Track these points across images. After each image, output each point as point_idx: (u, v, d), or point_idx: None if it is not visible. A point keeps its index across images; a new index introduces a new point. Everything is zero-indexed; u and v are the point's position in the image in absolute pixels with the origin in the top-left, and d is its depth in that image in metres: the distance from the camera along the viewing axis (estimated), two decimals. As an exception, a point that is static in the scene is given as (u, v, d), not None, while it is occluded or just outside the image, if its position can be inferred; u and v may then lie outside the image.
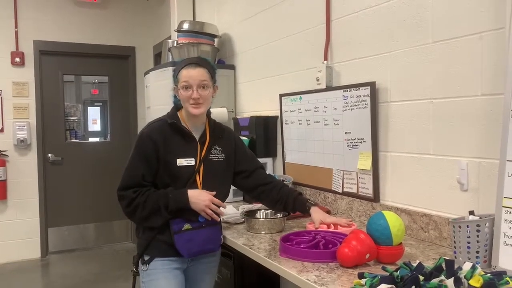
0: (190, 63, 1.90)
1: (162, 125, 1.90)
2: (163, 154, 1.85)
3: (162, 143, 1.85)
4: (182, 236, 1.83)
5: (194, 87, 1.84)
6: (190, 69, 1.87)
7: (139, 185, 1.83)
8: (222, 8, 3.72)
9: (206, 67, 1.90)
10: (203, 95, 1.86)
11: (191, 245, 1.84)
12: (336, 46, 2.42)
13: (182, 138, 1.90)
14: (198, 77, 1.85)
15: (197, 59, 1.98)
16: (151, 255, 1.88)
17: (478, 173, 1.68)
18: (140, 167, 1.84)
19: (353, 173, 2.28)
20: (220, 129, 2.03)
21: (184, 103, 1.88)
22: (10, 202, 4.87)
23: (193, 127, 1.94)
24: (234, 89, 3.55)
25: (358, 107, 2.21)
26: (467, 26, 1.70)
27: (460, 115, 1.74)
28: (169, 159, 1.85)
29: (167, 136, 1.87)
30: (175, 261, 1.88)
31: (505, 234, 1.40)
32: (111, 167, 5.20)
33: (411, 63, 1.95)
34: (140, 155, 1.85)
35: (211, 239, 1.91)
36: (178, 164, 1.85)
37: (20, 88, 4.89)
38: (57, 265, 4.83)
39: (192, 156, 1.88)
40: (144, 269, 1.89)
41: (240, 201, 2.84)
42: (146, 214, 1.82)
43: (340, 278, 1.42)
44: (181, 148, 1.88)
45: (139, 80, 5.44)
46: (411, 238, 1.92)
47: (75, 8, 5.16)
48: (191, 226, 1.84)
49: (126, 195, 1.82)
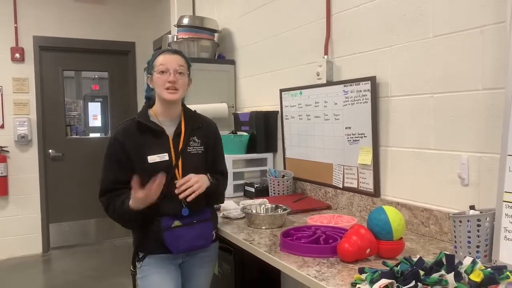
0: (168, 50, 1.92)
1: (129, 125, 1.89)
2: (134, 154, 1.83)
3: (130, 143, 1.84)
4: (172, 233, 1.82)
5: (171, 70, 1.84)
6: (168, 55, 1.88)
7: (110, 190, 1.85)
8: (222, 3, 3.71)
9: (183, 56, 1.92)
10: (180, 81, 1.86)
11: (180, 242, 1.83)
12: (336, 40, 2.41)
13: (151, 135, 1.87)
14: (176, 62, 1.86)
15: (174, 49, 2.01)
16: (144, 252, 1.89)
17: (479, 167, 1.68)
18: (111, 172, 1.85)
19: (354, 168, 2.28)
20: (198, 120, 1.99)
21: (159, 88, 1.86)
22: (11, 198, 4.88)
23: (167, 120, 1.91)
24: (234, 84, 3.54)
25: (358, 102, 2.21)
26: (468, 20, 1.69)
27: (461, 109, 1.74)
28: (140, 157, 1.83)
29: (135, 135, 1.85)
30: (168, 257, 1.88)
31: (506, 229, 1.40)
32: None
33: (411, 58, 1.94)
34: (110, 159, 1.86)
35: (201, 236, 1.89)
36: (150, 161, 1.83)
37: (20, 84, 4.89)
38: (58, 261, 4.84)
39: (165, 151, 1.86)
40: (139, 266, 1.90)
41: (241, 197, 2.84)
42: (119, 222, 1.88)
43: (341, 273, 1.42)
44: (152, 145, 1.85)
45: (139, 76, 5.43)
46: (412, 233, 1.92)
47: (75, 3, 5.14)
48: (181, 223, 1.83)
49: (103, 201, 1.88)
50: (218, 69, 3.46)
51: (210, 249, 2.01)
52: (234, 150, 2.91)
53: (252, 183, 2.84)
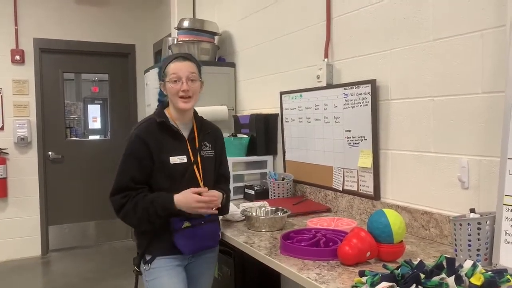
0: (178, 57, 1.91)
1: (150, 125, 1.89)
2: (157, 154, 1.84)
3: (154, 143, 1.84)
4: (183, 234, 1.83)
5: (184, 79, 1.85)
6: (178, 62, 1.88)
7: (128, 189, 1.81)
8: (222, 6, 3.71)
9: (193, 61, 1.92)
10: (193, 88, 1.87)
11: (191, 243, 1.85)
12: (336, 43, 2.41)
13: (172, 136, 1.89)
14: (187, 69, 1.86)
15: (185, 53, 1.99)
16: (152, 254, 1.88)
17: (479, 171, 1.68)
18: (130, 170, 1.82)
19: (354, 171, 2.28)
20: (207, 125, 2.04)
21: (173, 97, 1.87)
22: (11, 200, 4.88)
23: (181, 124, 1.94)
24: (235, 87, 3.54)
25: (358, 105, 2.21)
26: (468, 23, 1.69)
27: (461, 113, 1.74)
28: (163, 158, 1.84)
29: (157, 135, 1.86)
30: (176, 259, 1.88)
31: (506, 232, 1.40)
32: (111, 165, 5.17)
33: (412, 61, 1.95)
34: (132, 157, 1.84)
35: (210, 236, 1.92)
36: (172, 162, 1.84)
37: (20, 86, 4.89)
38: (58, 263, 4.83)
39: (184, 154, 1.88)
40: (147, 269, 1.88)
41: (241, 199, 2.84)
42: (136, 221, 1.83)
43: (341, 276, 1.42)
44: (172, 146, 1.87)
45: (139, 78, 5.44)
46: (412, 236, 1.92)
47: (75, 5, 5.15)
48: (190, 223, 1.84)
49: (116, 200, 1.82)
50: (218, 72, 3.46)
51: (214, 249, 2.04)
52: (234, 152, 2.91)
53: (252, 186, 2.84)
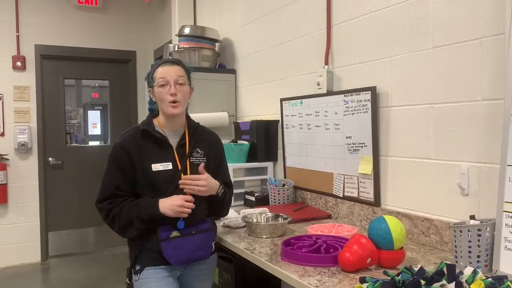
0: (166, 62, 1.91)
1: (134, 133, 1.88)
2: (138, 162, 1.82)
3: (135, 151, 1.83)
4: (170, 244, 1.79)
5: (172, 82, 1.83)
6: (166, 66, 1.87)
7: (114, 195, 1.82)
8: (223, 13, 3.74)
9: (182, 65, 1.91)
10: (181, 91, 1.84)
11: (179, 253, 1.80)
12: (336, 51, 2.43)
13: (156, 144, 1.86)
14: (175, 73, 1.85)
15: (173, 59, 1.98)
16: (141, 264, 1.84)
17: (479, 177, 1.69)
18: (114, 178, 1.83)
19: (354, 178, 2.29)
20: (202, 132, 1.99)
21: (162, 102, 1.85)
22: (11, 206, 4.87)
23: (171, 131, 1.91)
24: (235, 93, 3.55)
25: (359, 112, 2.22)
26: (467, 31, 1.71)
27: (461, 119, 1.75)
28: (144, 166, 1.82)
29: (140, 144, 1.85)
30: (166, 269, 1.84)
31: (506, 239, 1.41)
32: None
33: (411, 68, 1.96)
34: (114, 165, 1.84)
35: (200, 247, 1.86)
36: (154, 169, 1.82)
37: (21, 92, 4.90)
38: (57, 269, 4.82)
39: (169, 161, 1.85)
40: (136, 279, 1.85)
41: (241, 205, 2.84)
42: (122, 225, 1.81)
43: (342, 283, 1.43)
44: (155, 154, 1.85)
45: (139, 84, 5.46)
46: (412, 242, 1.93)
47: (76, 12, 5.17)
48: (179, 233, 1.81)
49: (103, 207, 1.83)
50: (219, 78, 3.47)
51: (209, 261, 1.97)
52: (235, 159, 2.92)
53: (253, 192, 2.85)
